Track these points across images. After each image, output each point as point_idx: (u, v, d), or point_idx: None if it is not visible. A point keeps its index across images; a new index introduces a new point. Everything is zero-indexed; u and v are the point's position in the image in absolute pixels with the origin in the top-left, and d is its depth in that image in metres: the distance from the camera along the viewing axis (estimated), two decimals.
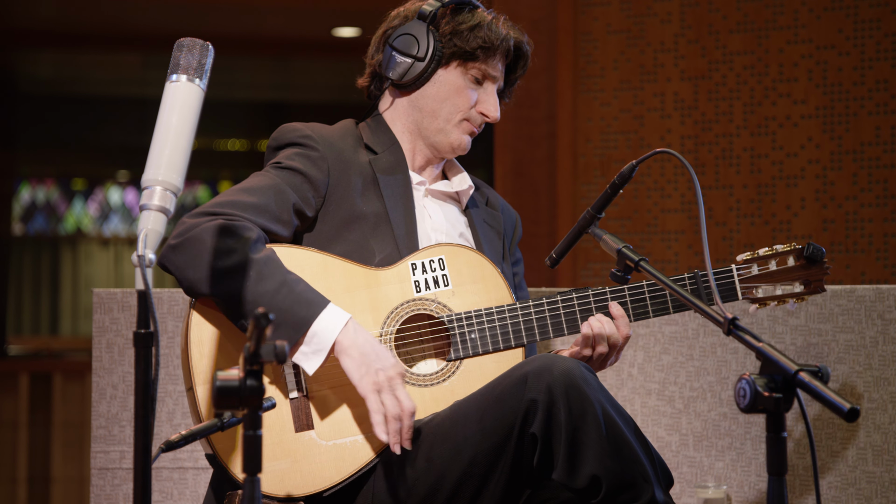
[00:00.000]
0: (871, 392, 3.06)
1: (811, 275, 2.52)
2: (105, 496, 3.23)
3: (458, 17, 2.57)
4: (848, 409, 1.69)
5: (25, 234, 10.30)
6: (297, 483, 2.30)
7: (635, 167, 2.27)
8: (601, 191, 2.29)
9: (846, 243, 4.32)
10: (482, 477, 2.21)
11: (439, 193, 2.64)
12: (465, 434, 2.22)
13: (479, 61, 2.56)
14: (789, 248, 2.52)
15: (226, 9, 6.88)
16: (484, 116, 2.59)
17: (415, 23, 2.58)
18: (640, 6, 4.54)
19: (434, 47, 2.55)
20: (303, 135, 2.53)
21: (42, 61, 8.16)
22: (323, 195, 2.49)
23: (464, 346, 2.42)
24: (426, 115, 2.59)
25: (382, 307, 2.41)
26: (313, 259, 2.40)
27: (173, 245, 2.33)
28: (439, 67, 2.57)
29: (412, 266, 2.44)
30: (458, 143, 2.60)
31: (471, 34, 2.55)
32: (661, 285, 2.15)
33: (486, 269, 2.48)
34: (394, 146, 2.60)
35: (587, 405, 2.13)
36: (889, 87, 4.29)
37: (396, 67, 2.58)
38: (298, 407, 2.33)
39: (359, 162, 2.54)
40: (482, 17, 2.58)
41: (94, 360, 3.24)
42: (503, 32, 2.57)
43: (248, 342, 1.74)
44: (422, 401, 2.36)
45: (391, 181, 2.55)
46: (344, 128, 2.63)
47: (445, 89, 2.58)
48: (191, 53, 2.11)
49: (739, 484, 3.12)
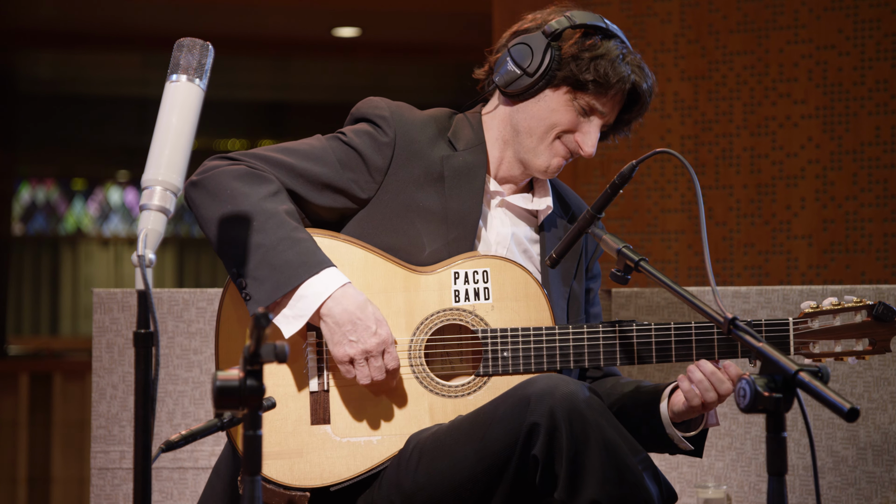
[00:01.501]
0: (871, 392, 3.06)
1: (878, 334, 2.38)
2: (105, 496, 3.23)
3: (586, 43, 2.44)
4: (848, 409, 1.69)
5: (25, 234, 10.30)
6: (306, 474, 2.31)
7: (635, 167, 2.26)
8: (601, 191, 2.29)
9: (846, 243, 4.32)
10: (481, 495, 2.19)
11: (515, 207, 2.56)
12: (466, 451, 2.20)
13: (590, 93, 2.45)
14: (858, 304, 2.39)
15: (226, 9, 6.88)
16: (579, 147, 2.48)
17: (538, 35, 2.45)
18: (640, 6, 4.54)
19: (548, 66, 2.44)
20: (380, 115, 2.48)
21: (42, 61, 8.16)
22: (379, 181, 2.44)
23: (494, 362, 2.38)
24: (522, 130, 2.50)
25: (418, 312, 2.39)
26: (355, 254, 2.38)
27: (194, 181, 2.34)
28: (548, 87, 2.46)
29: (455, 274, 2.40)
30: (545, 165, 2.50)
31: (590, 64, 2.42)
32: (661, 286, 2.14)
33: (530, 288, 2.42)
34: (478, 147, 2.52)
35: (589, 429, 2.10)
36: (889, 87, 4.29)
37: (506, 74, 2.47)
38: (317, 401, 2.34)
39: (430, 155, 2.48)
40: (609, 49, 2.44)
41: (94, 360, 3.24)
42: (624, 72, 2.43)
43: (248, 342, 1.74)
44: (443, 411, 2.35)
45: (462, 181, 2.48)
46: (431, 116, 2.55)
47: (548, 109, 2.47)
48: (191, 53, 2.11)
49: (739, 484, 3.12)
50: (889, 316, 2.37)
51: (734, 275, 4.40)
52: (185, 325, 3.22)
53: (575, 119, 2.47)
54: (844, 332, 2.38)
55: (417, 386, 2.36)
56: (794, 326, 2.39)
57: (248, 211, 2.29)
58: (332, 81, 8.45)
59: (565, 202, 2.64)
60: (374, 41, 7.46)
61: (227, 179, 2.33)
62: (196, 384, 3.20)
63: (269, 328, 2.05)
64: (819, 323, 2.38)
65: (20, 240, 10.20)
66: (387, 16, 6.96)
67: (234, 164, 2.37)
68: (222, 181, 2.33)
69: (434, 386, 2.37)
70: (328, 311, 2.27)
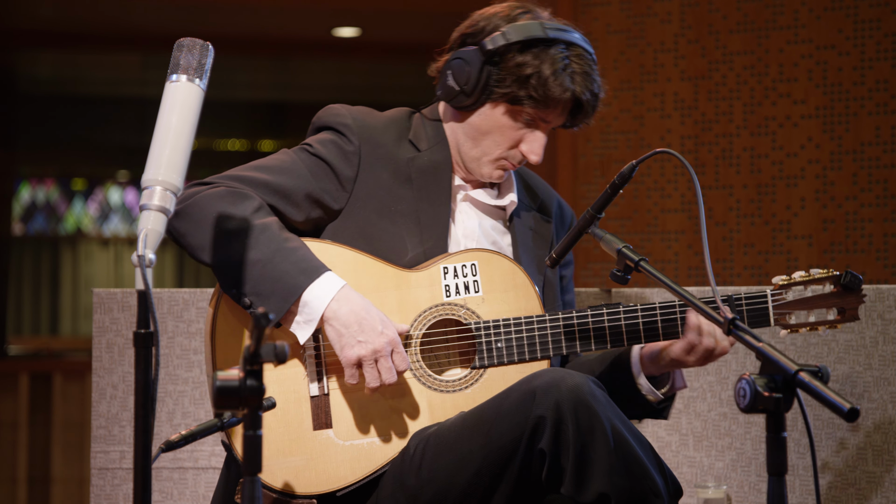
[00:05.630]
0: (871, 392, 3.06)
1: (846, 303, 2.45)
2: (105, 496, 3.23)
3: (523, 58, 2.40)
4: (848, 409, 1.69)
5: (25, 234, 10.30)
6: (312, 481, 2.30)
7: (635, 167, 2.26)
8: (601, 191, 2.29)
9: (846, 243, 4.32)
10: (487, 490, 2.19)
11: (479, 202, 2.57)
12: (472, 446, 2.20)
13: (530, 108, 2.43)
14: (826, 275, 2.45)
15: (226, 9, 6.88)
16: (525, 158, 2.48)
17: (475, 53, 2.43)
18: (640, 6, 4.54)
19: (485, 85, 2.43)
20: (342, 122, 2.48)
21: (42, 61, 8.16)
22: (349, 190, 2.45)
23: (489, 354, 2.39)
24: (467, 139, 2.50)
25: (411, 309, 2.39)
26: (345, 256, 2.39)
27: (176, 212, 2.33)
28: (487, 102, 2.46)
29: (444, 269, 2.41)
30: (488, 176, 2.51)
31: (528, 81, 2.40)
32: (661, 286, 2.14)
33: (518, 278, 2.44)
34: (440, 145, 2.53)
35: (595, 422, 2.10)
36: (889, 87, 4.29)
37: (446, 88, 2.48)
38: (318, 405, 2.33)
39: (396, 158, 2.48)
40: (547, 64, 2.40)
41: (94, 360, 3.24)
42: (563, 86, 2.40)
43: (248, 342, 1.74)
44: (443, 407, 2.36)
45: (429, 182, 2.49)
46: (392, 118, 2.55)
47: (489, 124, 2.47)
48: (191, 53, 2.11)
49: (739, 484, 3.12)
50: (856, 284, 2.44)
51: (734, 275, 4.40)
52: (185, 325, 3.22)
53: (516, 133, 2.47)
54: (816, 303, 2.46)
55: (416, 383, 2.37)
56: (773, 297, 2.45)
57: (236, 230, 2.30)
58: (332, 81, 8.45)
59: (532, 191, 2.64)
60: (374, 41, 7.46)
61: (209, 203, 2.33)
62: (196, 384, 3.20)
63: (270, 329, 2.05)
64: (792, 294, 2.45)
65: (20, 240, 10.20)
66: (387, 16, 6.96)
67: (212, 188, 2.36)
68: (205, 206, 2.32)
69: (432, 382, 2.37)
70: (333, 313, 2.28)
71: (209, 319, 2.36)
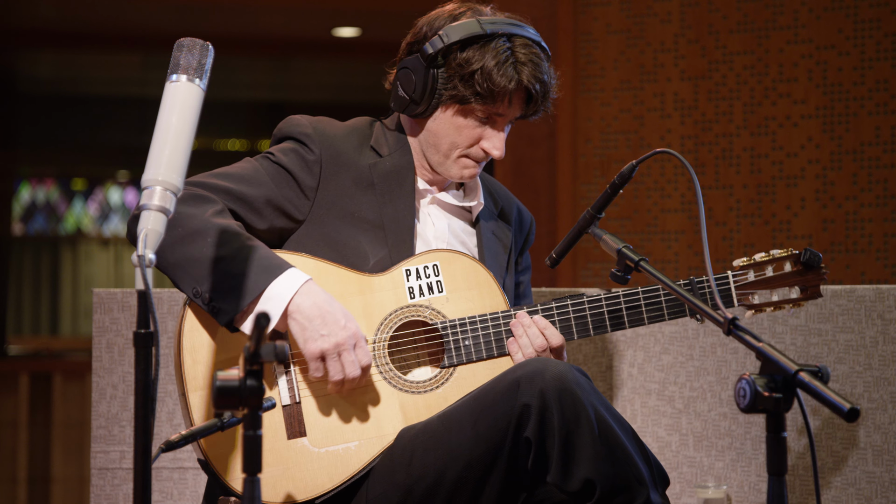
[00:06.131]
0: (871, 392, 3.06)
1: (808, 280, 2.50)
2: (105, 496, 3.23)
3: (463, 56, 2.42)
4: (848, 409, 1.69)
5: (25, 234, 10.30)
6: (290, 490, 2.29)
7: (635, 167, 2.27)
8: (601, 191, 2.29)
9: (846, 243, 4.32)
10: (478, 481, 2.20)
11: (446, 204, 2.59)
12: (460, 439, 2.21)
13: (480, 105, 2.45)
14: (786, 254, 2.49)
15: (226, 9, 6.88)
16: (487, 154, 2.51)
17: (417, 60, 2.46)
18: (640, 6, 4.54)
19: (431, 90, 2.45)
20: (303, 132, 2.50)
21: (42, 61, 8.16)
22: (312, 199, 2.46)
23: (457, 352, 2.41)
24: (429, 144, 2.53)
25: (376, 313, 2.40)
26: (307, 264, 2.38)
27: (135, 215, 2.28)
28: (438, 107, 2.48)
29: (406, 272, 2.42)
30: (458, 175, 2.53)
31: (471, 79, 2.41)
32: (661, 285, 2.14)
33: (480, 276, 2.46)
34: (402, 149, 2.55)
35: (580, 409, 2.12)
36: (889, 87, 4.29)
37: (397, 99, 2.51)
38: (291, 414, 2.32)
39: (358, 164, 2.50)
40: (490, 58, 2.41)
41: (94, 360, 3.24)
42: (508, 77, 2.41)
43: (248, 342, 1.74)
44: (415, 408, 2.36)
45: (392, 186, 2.51)
46: (353, 126, 2.57)
47: (445, 127, 2.49)
48: (191, 53, 2.11)
49: (739, 484, 3.12)
50: (815, 262, 2.49)
51: None
52: None
53: (474, 132, 2.49)
54: (778, 282, 2.49)
55: (386, 386, 2.36)
56: (734, 279, 2.48)
57: (199, 229, 2.29)
58: (331, 81, 8.45)
59: (494, 198, 2.67)
60: (374, 41, 7.46)
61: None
62: None
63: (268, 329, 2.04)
64: (754, 275, 2.48)
65: (20, 240, 10.20)
66: (387, 16, 6.96)
67: None
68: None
69: (402, 384, 2.37)
70: (296, 307, 2.27)
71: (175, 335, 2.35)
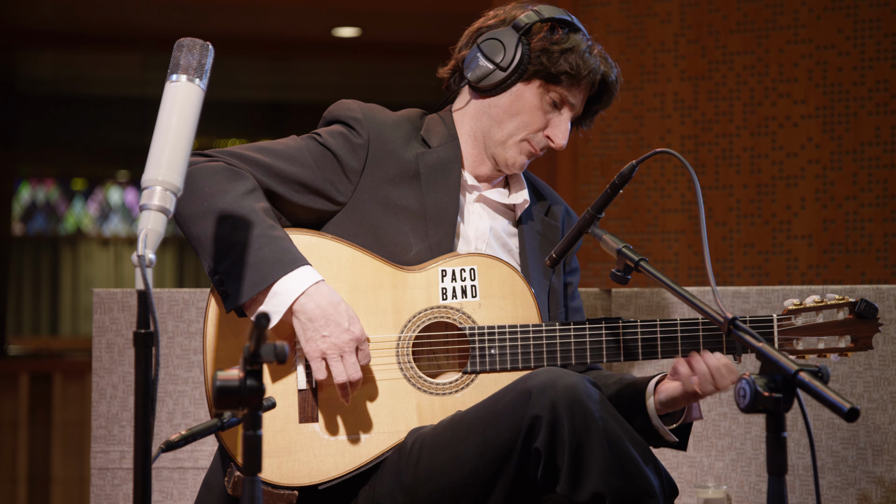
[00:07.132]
0: (871, 392, 3.06)
1: (860, 331, 2.38)
2: (105, 496, 3.23)
3: (554, 37, 2.49)
4: (848, 409, 1.69)
5: (25, 234, 10.30)
6: (294, 472, 2.30)
7: (635, 167, 2.26)
8: (601, 191, 2.29)
9: (846, 243, 4.32)
10: (483, 488, 2.19)
11: (491, 202, 2.58)
12: (468, 446, 2.20)
13: (562, 86, 2.49)
14: (841, 302, 2.39)
15: (226, 9, 6.88)
16: (550, 141, 2.53)
17: (508, 30, 2.49)
18: (640, 6, 4.54)
19: (520, 60, 2.48)
20: (353, 116, 2.49)
21: (42, 61, 8.16)
22: (355, 183, 2.45)
23: (482, 360, 2.39)
24: (493, 123, 2.53)
25: (405, 310, 2.39)
26: (343, 252, 2.38)
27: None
28: (520, 81, 2.50)
29: (442, 272, 2.41)
30: (512, 161, 2.53)
31: (561, 57, 2.47)
32: (661, 286, 2.14)
33: (517, 286, 2.43)
34: (452, 143, 2.54)
35: (591, 421, 2.10)
36: (889, 87, 4.29)
37: (477, 70, 2.51)
38: (306, 399, 2.33)
39: (405, 153, 2.49)
40: (578, 42, 2.49)
41: (94, 360, 3.24)
42: (594, 63, 2.50)
43: (248, 342, 1.74)
44: (431, 409, 2.36)
45: (438, 177, 2.50)
46: (403, 116, 2.57)
47: (519, 104, 2.51)
48: (191, 53, 2.11)
49: (739, 484, 3.12)
50: (871, 313, 2.37)
51: (734, 275, 4.40)
52: (185, 325, 3.22)
53: (543, 117, 2.51)
54: (827, 329, 2.39)
55: (405, 384, 2.36)
56: (778, 323, 2.40)
57: (224, 208, 2.30)
58: (332, 81, 8.45)
59: (541, 195, 2.67)
60: (374, 41, 7.46)
61: (203, 176, 2.33)
62: (196, 384, 3.20)
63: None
64: (802, 320, 2.39)
65: (20, 240, 10.20)
66: (387, 16, 6.96)
67: (210, 161, 2.38)
68: (199, 178, 2.33)
69: (422, 384, 2.37)
70: (301, 307, 2.27)
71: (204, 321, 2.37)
